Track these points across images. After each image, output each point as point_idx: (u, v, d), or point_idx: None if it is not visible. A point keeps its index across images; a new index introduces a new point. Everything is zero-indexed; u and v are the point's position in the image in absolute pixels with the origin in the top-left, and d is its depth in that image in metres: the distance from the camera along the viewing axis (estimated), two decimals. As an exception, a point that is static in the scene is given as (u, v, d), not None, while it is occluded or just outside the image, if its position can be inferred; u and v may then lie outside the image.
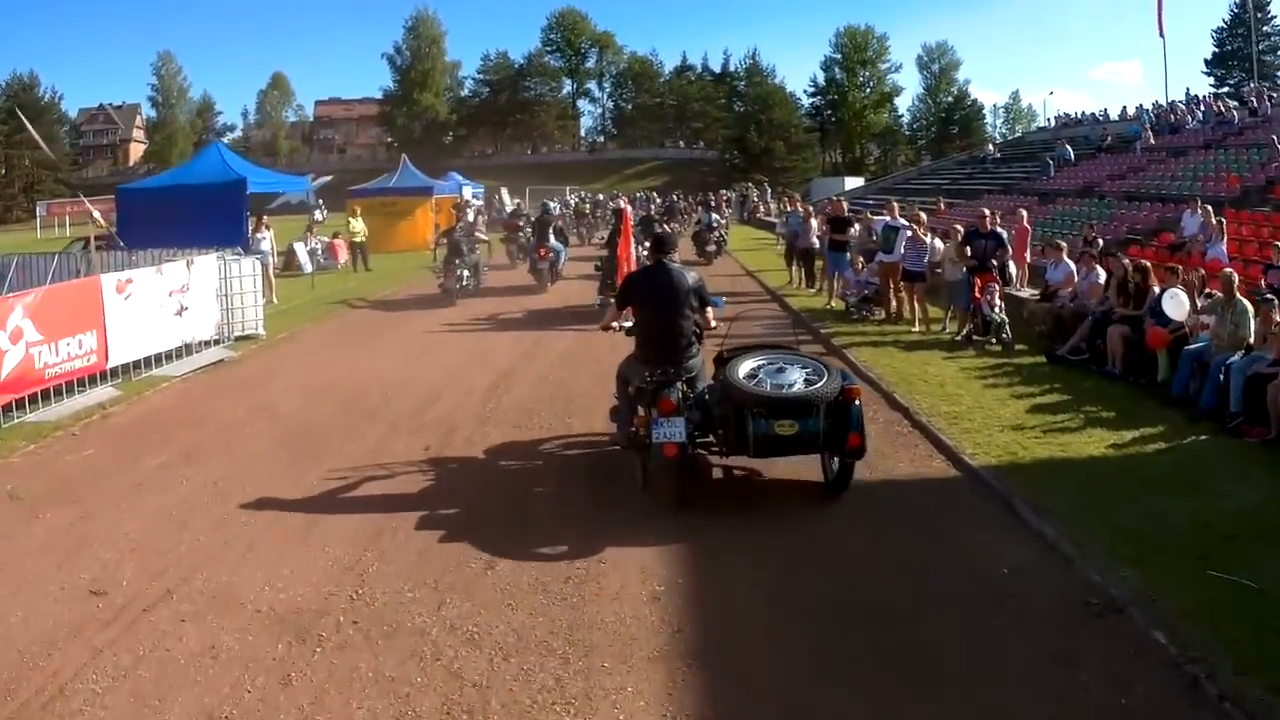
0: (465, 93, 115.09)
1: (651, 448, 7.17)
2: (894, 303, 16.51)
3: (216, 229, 18.83)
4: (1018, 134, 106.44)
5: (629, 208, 23.03)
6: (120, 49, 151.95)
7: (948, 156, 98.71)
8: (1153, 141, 35.05)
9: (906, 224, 16.22)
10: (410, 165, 37.46)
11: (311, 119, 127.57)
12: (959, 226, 16.24)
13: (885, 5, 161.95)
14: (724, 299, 9.76)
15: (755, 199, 54.67)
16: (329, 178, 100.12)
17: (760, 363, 7.63)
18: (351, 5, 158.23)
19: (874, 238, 17.90)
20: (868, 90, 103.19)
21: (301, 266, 27.12)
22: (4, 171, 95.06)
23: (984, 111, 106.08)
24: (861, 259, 17.83)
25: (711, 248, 28.04)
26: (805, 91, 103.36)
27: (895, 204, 17.84)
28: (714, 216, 31.68)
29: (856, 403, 7.32)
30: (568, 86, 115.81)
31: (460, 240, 20.93)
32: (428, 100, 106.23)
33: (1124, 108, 47.92)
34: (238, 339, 15.80)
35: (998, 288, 14.53)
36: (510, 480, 8.41)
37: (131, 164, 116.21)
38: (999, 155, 49.72)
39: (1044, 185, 35.66)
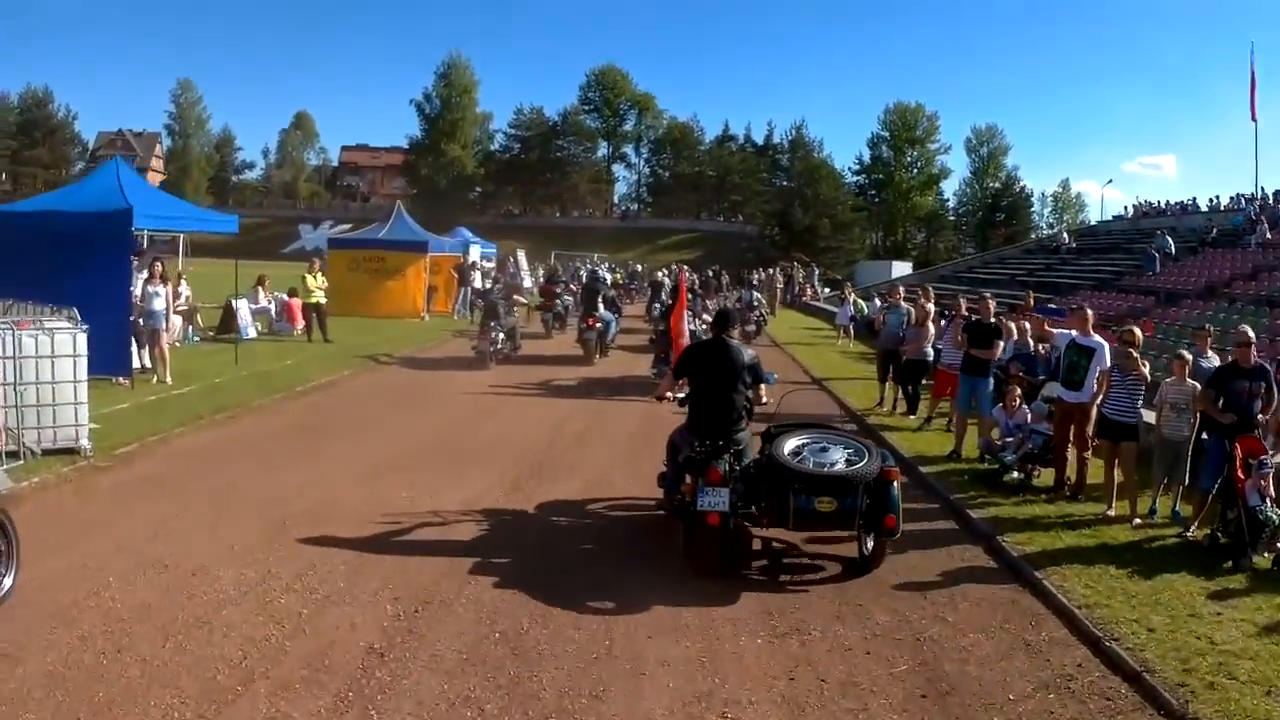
0: (495, 147, 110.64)
1: (696, 515, 7.30)
2: (1074, 465, 10.59)
3: (89, 277, 13.42)
4: (1065, 224, 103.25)
5: (685, 276, 21.22)
6: (146, 73, 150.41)
7: (1010, 244, 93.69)
8: (1269, 235, 30.68)
9: (1103, 342, 10.37)
10: (405, 215, 31.89)
11: (336, 163, 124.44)
12: (1185, 355, 9.94)
13: (933, 86, 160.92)
14: (775, 375, 9.32)
15: (801, 280, 48.70)
16: (347, 226, 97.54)
17: (805, 441, 7.95)
18: (388, 49, 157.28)
19: (1038, 356, 12.81)
20: (914, 171, 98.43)
21: (240, 331, 21.40)
22: (11, 189, 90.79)
23: (1032, 199, 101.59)
24: (1018, 391, 11.83)
25: (750, 328, 25.14)
26: (849, 169, 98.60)
27: (1088, 311, 10.96)
28: (754, 295, 29.03)
29: (895, 484, 7.57)
30: (603, 149, 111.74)
31: (498, 302, 20.29)
32: (454, 152, 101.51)
33: (1215, 197, 43.63)
34: (45, 453, 10.08)
35: (1273, 462, 8.72)
36: (558, 537, 8.63)
37: None
38: (1074, 245, 44.09)
39: (1153, 282, 30.20)
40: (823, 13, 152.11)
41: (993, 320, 12.74)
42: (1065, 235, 45.74)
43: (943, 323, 15.42)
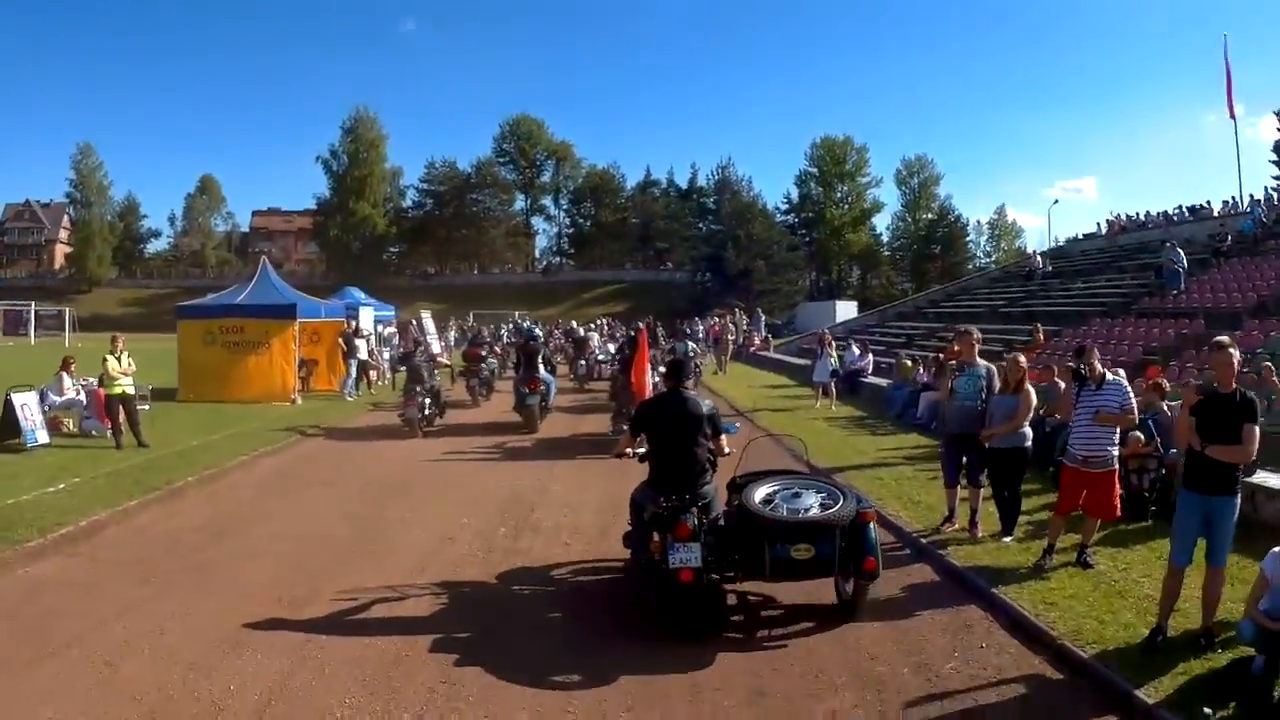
0: (407, 204, 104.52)
1: (668, 573, 7.05)
2: None
3: None
4: (1002, 250, 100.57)
5: (645, 331, 18.60)
6: (47, 142, 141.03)
7: (949, 277, 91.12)
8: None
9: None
10: (271, 272, 25.78)
11: (246, 229, 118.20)
12: None
13: (858, 119, 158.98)
14: (736, 425, 9.58)
15: (745, 328, 43.35)
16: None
17: (775, 488, 7.70)
18: (296, 108, 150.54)
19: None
20: (846, 206, 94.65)
21: (25, 434, 15.47)
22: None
23: (968, 229, 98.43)
24: None
25: (689, 380, 17.83)
26: (778, 208, 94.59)
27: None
28: (688, 345, 25.22)
29: (872, 525, 7.35)
30: (521, 202, 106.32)
31: (420, 365, 19.09)
32: (364, 210, 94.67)
33: (1206, 203, 39.93)
34: None
35: None
36: (523, 605, 8.24)
37: (57, 266, 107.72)
38: (1049, 268, 39.69)
39: (1182, 302, 25.53)
40: (740, 51, 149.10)
41: (1243, 391, 6.68)
42: (1038, 258, 41.07)
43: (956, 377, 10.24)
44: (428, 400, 18.83)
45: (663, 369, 19.09)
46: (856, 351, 24.42)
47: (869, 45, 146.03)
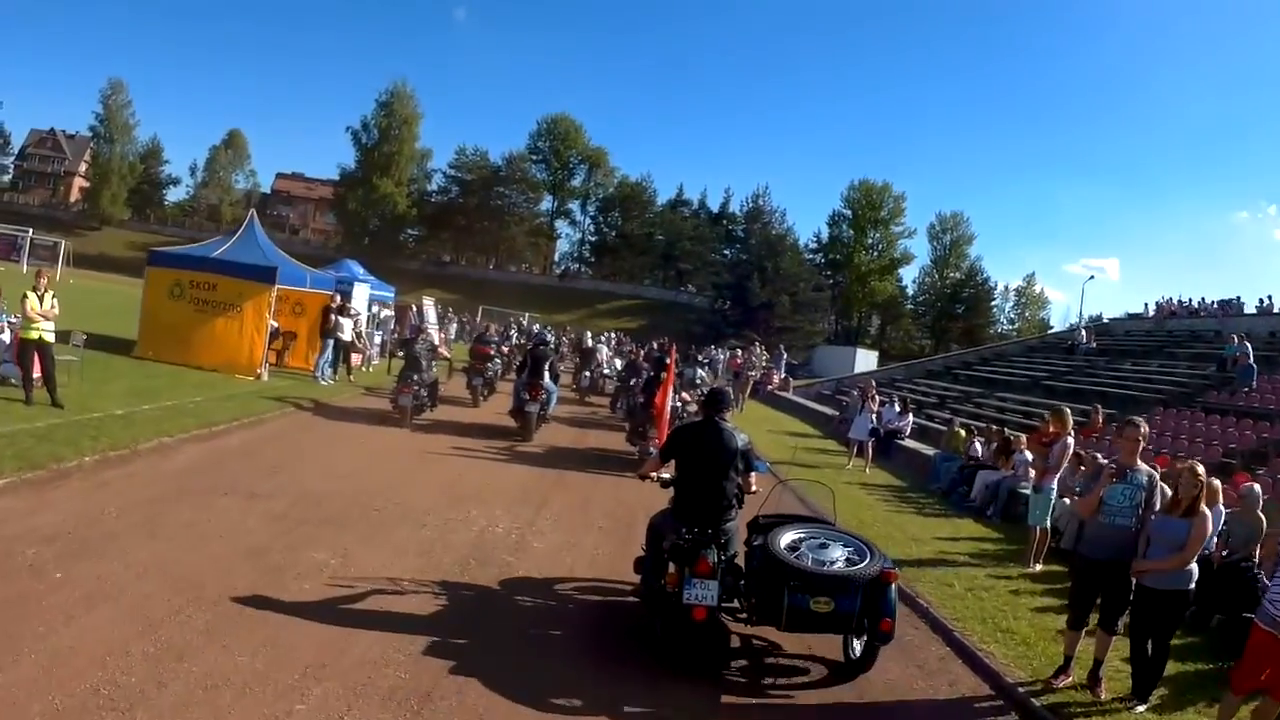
0: (432, 188, 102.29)
1: (680, 608, 6.84)
2: None
3: None
4: (1025, 320, 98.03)
5: (674, 351, 18.67)
6: (78, 72, 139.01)
7: (969, 339, 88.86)
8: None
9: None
10: (259, 230, 23.00)
11: (266, 191, 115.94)
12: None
13: (896, 169, 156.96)
14: (766, 463, 9.34)
15: (764, 364, 40.56)
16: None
17: (802, 535, 7.47)
18: (337, 74, 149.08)
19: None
20: (876, 253, 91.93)
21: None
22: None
23: (994, 293, 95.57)
24: None
25: (693, 408, 19.79)
26: (806, 246, 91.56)
27: None
28: (698, 373, 23.18)
29: (893, 587, 7.07)
30: (547, 202, 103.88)
31: (420, 354, 18.11)
32: (386, 188, 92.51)
33: (1238, 298, 37.78)
34: None
35: None
36: (524, 619, 7.75)
37: (73, 200, 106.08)
38: (1093, 345, 37.23)
39: (1260, 403, 22.95)
40: (789, 86, 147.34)
41: None
42: (1083, 332, 38.44)
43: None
44: (423, 390, 18.10)
45: (684, 394, 19.04)
46: (897, 409, 21.84)
47: (914, 96, 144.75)
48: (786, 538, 7.33)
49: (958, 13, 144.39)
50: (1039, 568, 11.54)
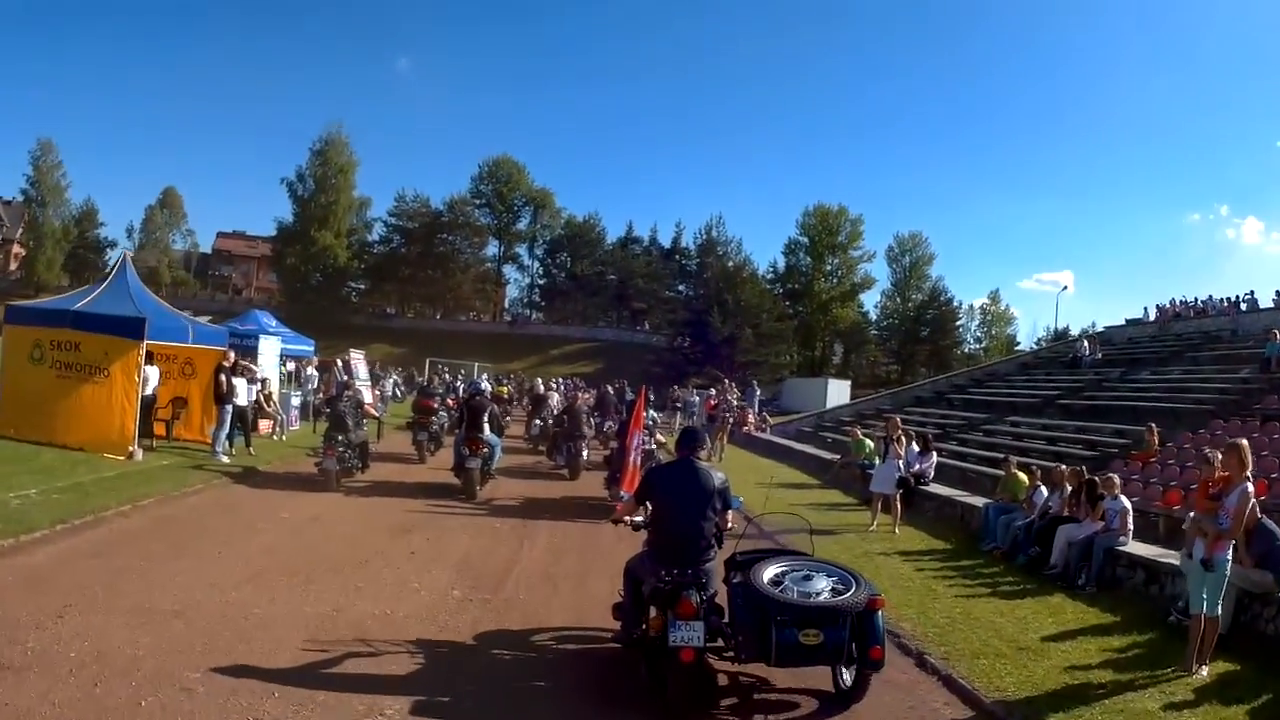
0: (373, 237, 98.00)
1: (667, 651, 6.73)
2: None
3: None
4: (990, 337, 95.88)
5: (644, 393, 16.14)
6: (17, 139, 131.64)
7: (937, 360, 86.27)
8: None
9: None
10: (131, 274, 18.78)
11: (206, 250, 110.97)
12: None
13: (851, 193, 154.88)
14: (741, 499, 8.76)
15: (735, 403, 36.46)
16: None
17: (784, 568, 7.42)
18: (274, 131, 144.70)
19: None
20: (835, 280, 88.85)
21: None
22: None
23: (959, 312, 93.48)
24: None
25: (701, 449, 13.46)
26: (764, 277, 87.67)
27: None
28: (652, 415, 21.03)
29: (879, 614, 7.06)
30: (493, 247, 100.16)
31: (345, 412, 16.98)
32: (325, 240, 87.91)
33: (1246, 294, 35.33)
34: None
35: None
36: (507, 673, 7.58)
37: (13, 267, 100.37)
38: (1099, 355, 34.37)
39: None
40: (734, 116, 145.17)
41: None
42: (1085, 344, 35.14)
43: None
44: (350, 451, 16.93)
45: (659, 437, 19.35)
46: (916, 448, 18.17)
47: (864, 117, 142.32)
48: (769, 572, 7.30)
49: (898, 32, 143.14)
50: (1205, 671, 8.00)
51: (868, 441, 20.48)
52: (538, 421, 27.32)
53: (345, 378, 23.69)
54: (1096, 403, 26.07)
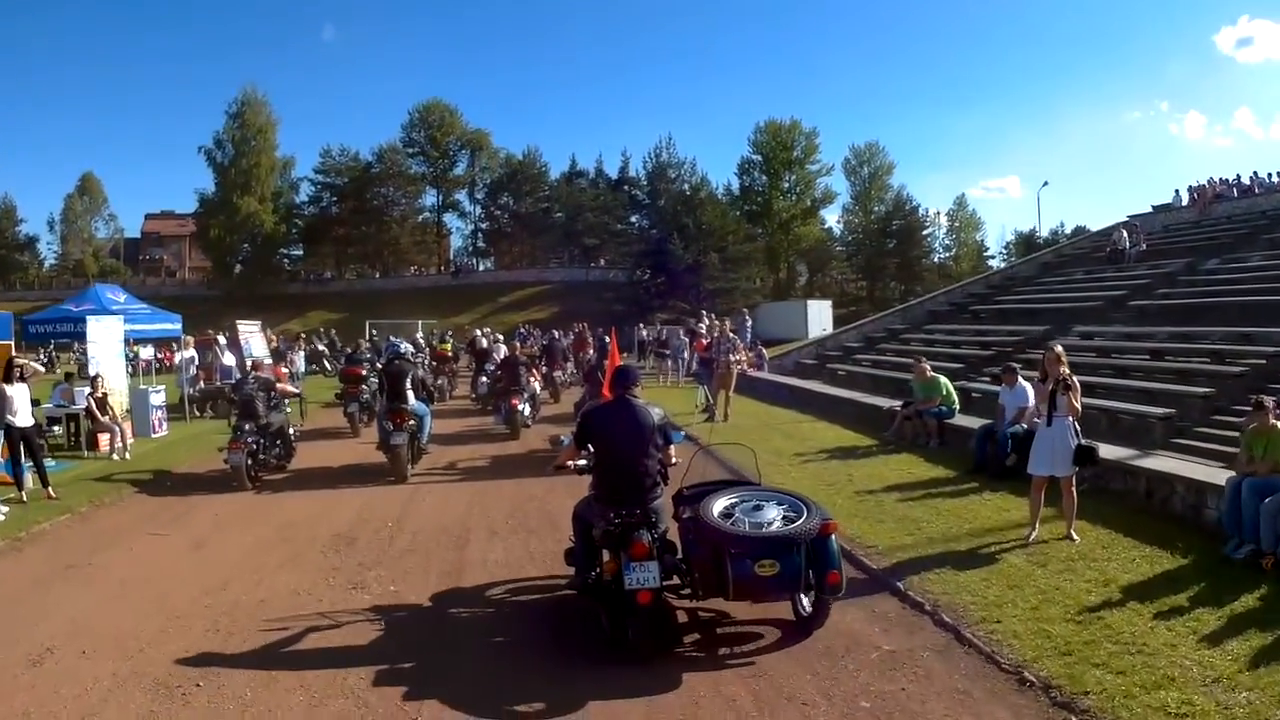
0: (301, 199, 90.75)
1: (624, 594, 6.68)
2: None
3: None
4: (959, 244, 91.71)
5: (616, 335, 15.76)
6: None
7: (907, 272, 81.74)
8: None
9: None
10: None
11: (132, 234, 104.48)
12: None
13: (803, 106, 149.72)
14: (683, 432, 8.72)
15: (734, 338, 29.38)
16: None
17: (733, 500, 7.33)
18: (192, 105, 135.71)
19: None
20: (794, 197, 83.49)
21: None
22: None
23: (927, 220, 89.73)
24: None
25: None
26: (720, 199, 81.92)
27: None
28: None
29: (833, 538, 7.03)
30: (431, 197, 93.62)
31: (254, 395, 15.07)
32: (249, 206, 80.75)
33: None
34: None
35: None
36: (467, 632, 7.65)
37: None
38: (1143, 247, 29.79)
39: None
40: (672, 37, 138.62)
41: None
42: (1124, 233, 30.02)
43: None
44: (263, 440, 15.03)
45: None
46: (1027, 387, 12.63)
47: (806, 28, 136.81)
48: (718, 505, 7.17)
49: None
50: None
51: (943, 380, 15.25)
52: (483, 378, 24.76)
53: (224, 357, 18.37)
54: (1187, 301, 21.12)
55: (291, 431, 16.53)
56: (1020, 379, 13.00)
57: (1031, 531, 9.33)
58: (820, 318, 52.42)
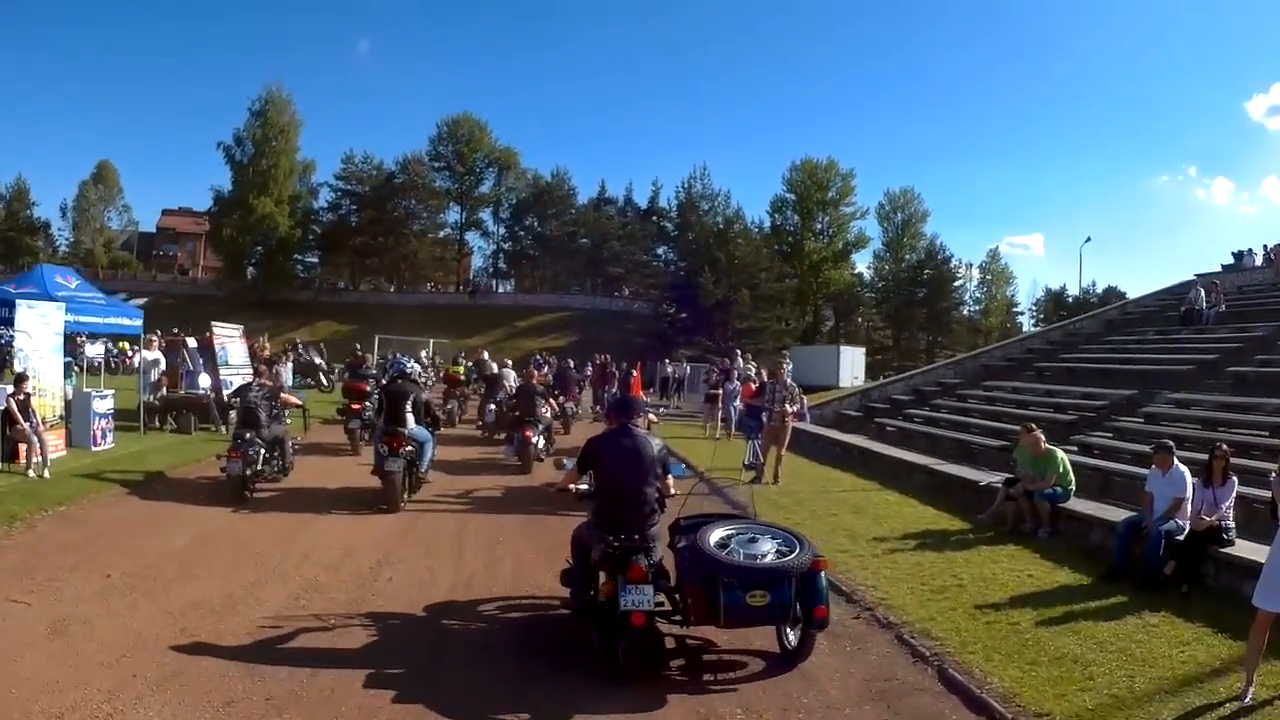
0: (320, 204, 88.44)
1: (618, 615, 6.82)
2: None
3: None
4: (990, 297, 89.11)
5: (640, 368, 18.60)
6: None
7: (935, 324, 79.14)
8: None
9: None
10: None
11: (149, 228, 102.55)
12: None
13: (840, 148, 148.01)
14: (683, 466, 8.87)
15: (790, 386, 23.27)
16: (141, 302, 75.30)
17: (730, 532, 7.43)
18: (219, 102, 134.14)
19: None
20: (826, 239, 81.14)
21: None
22: None
23: (959, 272, 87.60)
24: None
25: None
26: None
27: None
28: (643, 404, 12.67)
29: (822, 574, 7.12)
30: (455, 214, 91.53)
31: (256, 403, 14.40)
32: (265, 207, 78.43)
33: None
34: None
35: None
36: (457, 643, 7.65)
37: None
38: (1223, 308, 26.86)
39: None
40: (715, 73, 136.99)
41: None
42: (1201, 292, 27.14)
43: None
44: (262, 451, 14.00)
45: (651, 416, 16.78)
46: (1185, 473, 9.78)
47: (850, 73, 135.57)
48: (715, 535, 7.26)
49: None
50: None
51: (1059, 454, 12.38)
52: (491, 406, 23.24)
53: (194, 367, 15.93)
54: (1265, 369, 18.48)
55: (291, 444, 15.67)
56: (1177, 462, 10.20)
57: (1249, 688, 6.58)
58: (853, 365, 49.55)
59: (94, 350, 20.84)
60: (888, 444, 20.83)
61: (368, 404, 19.40)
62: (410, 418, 14.10)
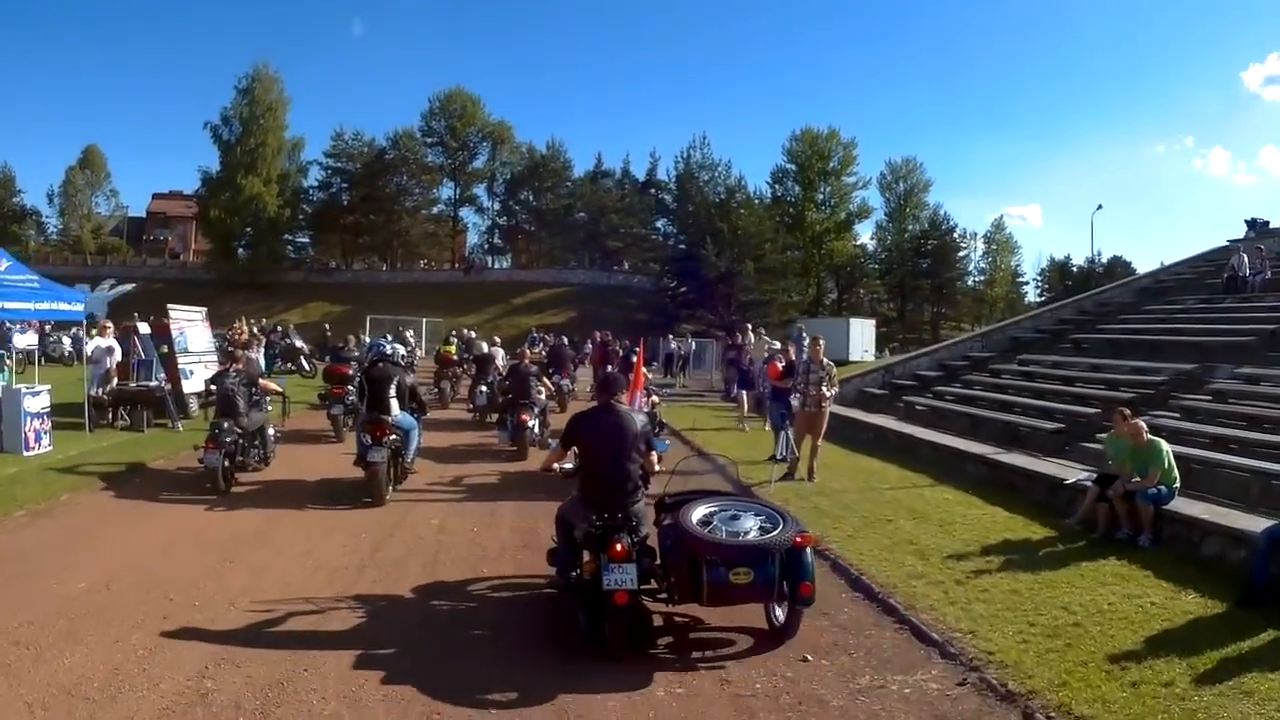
0: (310, 183, 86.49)
1: (602, 594, 6.79)
2: None
3: None
4: (994, 267, 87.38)
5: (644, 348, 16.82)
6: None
7: (939, 295, 77.55)
8: None
9: None
10: None
11: (140, 213, 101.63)
12: None
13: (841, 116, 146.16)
14: (667, 442, 9.28)
15: (826, 365, 19.91)
16: (129, 286, 73.23)
17: (713, 509, 7.41)
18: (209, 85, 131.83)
19: None
20: (828, 210, 79.20)
21: None
22: None
23: (963, 242, 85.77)
24: None
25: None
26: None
27: None
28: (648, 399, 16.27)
29: (808, 551, 7.06)
30: (448, 189, 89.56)
31: (234, 390, 13.81)
32: (253, 187, 76.43)
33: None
34: None
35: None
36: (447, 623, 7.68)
37: None
38: (1268, 274, 24.98)
39: None
40: (713, 44, 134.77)
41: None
42: (1243, 256, 25.26)
43: None
44: (239, 440, 13.54)
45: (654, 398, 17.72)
46: None
47: (843, 36, 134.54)
48: (697, 513, 7.25)
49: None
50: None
51: (1163, 445, 10.51)
52: (483, 388, 22.32)
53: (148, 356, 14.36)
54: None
55: (272, 432, 15.25)
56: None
57: None
58: (863, 338, 47.89)
59: (25, 340, 19.00)
60: (921, 425, 19.14)
61: (350, 388, 18.73)
62: (394, 403, 13.46)
